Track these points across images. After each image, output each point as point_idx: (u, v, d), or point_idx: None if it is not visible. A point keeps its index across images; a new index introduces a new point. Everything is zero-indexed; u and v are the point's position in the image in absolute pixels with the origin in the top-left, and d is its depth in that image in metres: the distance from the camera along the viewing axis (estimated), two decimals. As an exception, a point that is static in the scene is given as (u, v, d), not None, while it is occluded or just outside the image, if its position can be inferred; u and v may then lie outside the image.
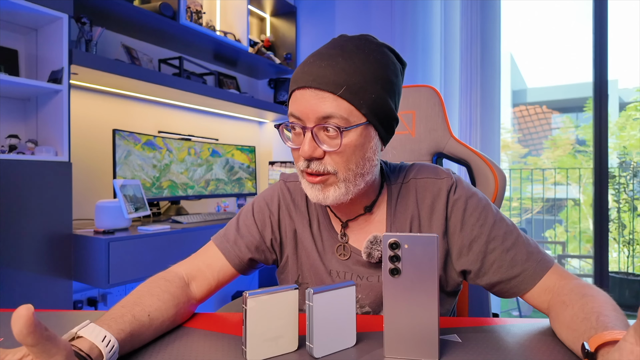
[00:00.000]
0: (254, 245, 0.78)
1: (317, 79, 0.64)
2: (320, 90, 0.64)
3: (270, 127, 3.20)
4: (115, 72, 1.82)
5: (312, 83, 0.64)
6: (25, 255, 1.50)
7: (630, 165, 3.59)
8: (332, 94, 0.64)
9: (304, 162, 0.67)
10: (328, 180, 0.68)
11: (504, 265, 0.68)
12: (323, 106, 0.64)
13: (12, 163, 1.46)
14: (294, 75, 0.68)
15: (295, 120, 0.67)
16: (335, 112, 0.64)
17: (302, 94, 0.65)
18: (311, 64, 0.66)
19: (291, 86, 0.69)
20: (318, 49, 0.69)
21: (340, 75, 0.64)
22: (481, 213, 0.71)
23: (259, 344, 0.54)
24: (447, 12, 2.61)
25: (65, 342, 0.44)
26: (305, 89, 0.65)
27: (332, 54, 0.66)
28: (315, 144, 0.65)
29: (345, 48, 0.66)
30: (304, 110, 0.65)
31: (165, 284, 0.67)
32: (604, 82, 2.30)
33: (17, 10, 1.54)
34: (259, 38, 3.11)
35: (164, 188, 2.18)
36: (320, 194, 0.68)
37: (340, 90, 0.63)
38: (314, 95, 0.64)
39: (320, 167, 0.67)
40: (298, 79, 0.66)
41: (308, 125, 0.65)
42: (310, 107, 0.64)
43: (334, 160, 0.67)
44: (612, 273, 3.23)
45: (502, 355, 0.54)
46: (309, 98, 0.64)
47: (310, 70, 0.65)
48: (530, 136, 10.05)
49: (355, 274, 0.75)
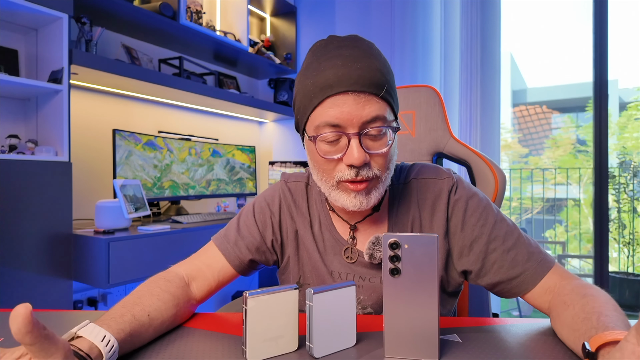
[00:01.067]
0: (255, 246, 0.78)
1: (359, 80, 0.61)
2: (363, 93, 0.62)
3: (270, 127, 3.20)
4: (115, 72, 1.82)
5: (353, 87, 0.61)
6: (25, 255, 1.50)
7: (631, 165, 3.59)
8: (375, 96, 0.62)
9: (352, 171, 0.64)
10: (371, 184, 0.66)
11: (505, 265, 0.68)
12: (369, 109, 0.62)
13: (12, 163, 1.46)
14: (317, 80, 0.63)
15: (331, 129, 0.63)
16: (380, 113, 0.63)
17: (343, 99, 0.62)
18: (341, 66, 0.62)
19: (320, 93, 0.63)
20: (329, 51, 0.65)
21: (378, 75, 0.63)
22: (482, 213, 0.71)
23: (259, 344, 0.54)
24: (447, 12, 2.61)
25: (64, 341, 0.43)
26: (347, 94, 0.61)
27: (358, 55, 0.63)
28: (363, 149, 0.63)
29: (364, 47, 0.65)
30: (346, 116, 0.62)
31: (165, 284, 0.67)
32: (604, 82, 2.30)
33: (17, 10, 1.54)
34: (259, 38, 3.11)
35: (165, 188, 2.18)
36: (365, 199, 0.66)
37: (382, 91, 0.63)
38: (357, 99, 0.61)
39: (370, 172, 0.65)
40: (332, 84, 0.62)
41: (351, 131, 0.62)
42: (354, 112, 0.61)
43: (378, 163, 0.65)
44: (612, 273, 3.22)
45: (502, 355, 0.54)
46: (351, 103, 0.61)
47: (346, 73, 0.62)
48: (531, 136, 10.05)
49: (358, 275, 0.75)
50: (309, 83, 0.65)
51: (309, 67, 0.66)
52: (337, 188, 0.67)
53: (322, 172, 0.68)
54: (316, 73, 0.64)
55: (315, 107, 0.64)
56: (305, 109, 0.66)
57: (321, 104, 0.64)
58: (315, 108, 0.65)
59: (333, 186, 0.68)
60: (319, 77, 0.63)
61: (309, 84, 0.65)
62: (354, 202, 0.66)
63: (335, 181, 0.67)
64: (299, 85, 0.67)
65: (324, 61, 0.64)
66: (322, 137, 0.64)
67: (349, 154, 0.63)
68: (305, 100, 0.66)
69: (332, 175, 0.66)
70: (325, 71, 0.63)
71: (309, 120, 0.67)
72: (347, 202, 0.67)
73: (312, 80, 0.64)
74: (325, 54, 0.65)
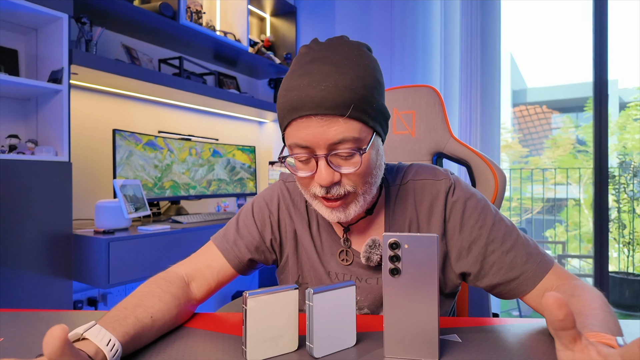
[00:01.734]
0: (254, 246, 0.78)
1: (322, 103, 0.59)
2: (326, 115, 0.59)
3: (270, 127, 3.20)
4: (115, 72, 1.82)
5: (316, 110, 0.59)
6: (25, 255, 1.50)
7: (631, 165, 3.59)
8: (341, 117, 0.60)
9: (322, 189, 0.64)
10: (348, 199, 0.66)
11: (504, 267, 0.68)
12: (334, 132, 0.60)
13: (12, 163, 1.46)
14: (286, 101, 0.62)
15: (301, 150, 0.63)
16: (347, 135, 0.60)
17: (306, 123, 0.60)
18: (306, 87, 0.60)
19: (287, 115, 0.62)
20: (302, 66, 0.62)
21: (344, 95, 0.59)
22: (480, 214, 0.71)
23: (259, 344, 0.54)
24: (447, 12, 2.61)
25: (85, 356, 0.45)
26: (310, 117, 0.60)
27: (326, 71, 0.60)
28: (332, 169, 0.62)
29: (336, 61, 0.61)
30: (312, 139, 0.61)
31: (166, 284, 0.67)
32: (604, 82, 2.29)
33: (17, 10, 1.54)
34: (259, 38, 3.11)
35: (166, 188, 2.18)
36: (342, 214, 0.66)
37: (349, 111, 0.60)
38: (321, 122, 0.60)
39: (340, 190, 0.64)
40: (297, 106, 0.60)
41: (319, 153, 0.62)
42: (319, 135, 0.60)
43: (351, 180, 0.64)
44: (612, 273, 3.22)
45: (502, 355, 0.54)
46: (315, 126, 0.60)
47: (309, 94, 0.59)
48: (531, 136, 10.05)
49: (355, 275, 0.75)
50: (281, 102, 0.64)
51: (286, 80, 0.65)
52: (315, 200, 0.68)
53: (301, 185, 0.69)
54: (286, 92, 0.63)
55: (286, 127, 0.65)
56: (281, 126, 0.67)
57: (290, 125, 0.63)
58: (286, 128, 0.65)
59: (312, 198, 0.68)
60: (287, 98, 0.62)
61: (281, 103, 0.64)
62: (331, 215, 0.67)
63: (311, 194, 0.67)
64: (279, 100, 0.66)
65: (295, 77, 0.62)
66: (294, 156, 0.65)
67: (318, 174, 0.63)
68: (280, 118, 0.66)
69: (309, 189, 0.67)
70: (292, 92, 0.61)
71: (285, 137, 0.67)
72: (325, 214, 0.68)
73: (283, 99, 0.63)
74: (299, 68, 0.63)
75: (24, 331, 0.64)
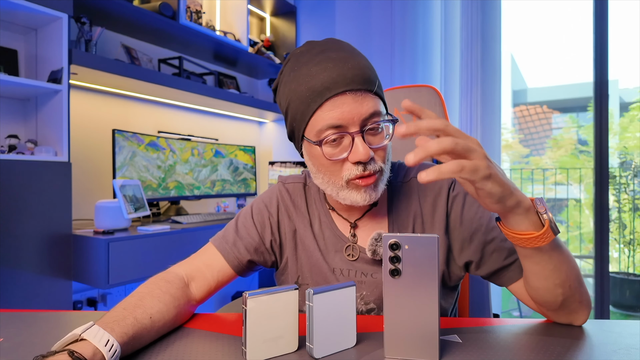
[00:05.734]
0: (253, 247, 0.78)
1: (355, 79, 0.63)
2: (359, 91, 0.64)
3: (270, 127, 3.20)
4: (115, 72, 1.82)
5: (350, 86, 0.63)
6: (25, 255, 1.49)
7: (631, 165, 3.58)
8: (370, 92, 0.65)
9: (358, 167, 0.65)
10: (377, 178, 0.68)
11: (503, 253, 0.70)
12: (366, 106, 0.64)
13: (11, 163, 1.46)
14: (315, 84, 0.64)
15: (335, 130, 0.64)
16: (376, 109, 0.65)
17: (341, 100, 0.63)
18: (334, 68, 0.64)
19: (318, 97, 0.64)
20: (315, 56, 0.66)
21: (368, 73, 0.65)
22: (479, 206, 0.73)
23: (259, 344, 0.53)
24: (447, 12, 2.61)
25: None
26: (345, 94, 0.63)
27: (342, 57, 0.65)
28: (367, 145, 0.65)
29: (345, 49, 0.67)
30: (347, 115, 0.63)
31: (165, 285, 0.67)
32: (605, 82, 2.29)
33: (17, 10, 1.53)
34: (259, 38, 3.11)
35: (170, 189, 2.19)
36: (373, 192, 0.68)
37: (375, 87, 0.65)
38: (355, 97, 0.63)
39: (376, 166, 0.67)
40: (330, 86, 0.63)
41: (353, 130, 0.64)
42: (354, 111, 0.63)
43: (380, 157, 0.68)
44: (612, 273, 3.22)
45: (503, 355, 0.54)
46: (350, 102, 0.63)
47: (341, 73, 0.63)
48: (531, 136, 10.05)
49: (360, 271, 0.75)
50: (304, 89, 0.65)
51: (298, 73, 0.66)
52: (347, 187, 0.68)
53: (330, 174, 0.69)
54: (309, 79, 0.64)
55: (315, 112, 0.65)
56: (303, 115, 0.67)
57: (320, 108, 0.64)
58: (314, 113, 0.65)
59: (342, 186, 0.68)
60: (314, 82, 0.64)
61: (303, 90, 0.65)
62: (364, 196, 0.68)
63: (344, 181, 0.67)
64: (291, 93, 0.67)
65: (314, 66, 0.65)
66: (326, 139, 0.65)
67: (355, 151, 0.64)
68: (302, 106, 0.66)
69: (341, 176, 0.67)
70: (319, 75, 0.64)
71: (308, 126, 0.67)
72: (357, 197, 0.68)
73: (306, 85, 0.65)
74: (312, 59, 0.66)
75: (23, 331, 0.64)
